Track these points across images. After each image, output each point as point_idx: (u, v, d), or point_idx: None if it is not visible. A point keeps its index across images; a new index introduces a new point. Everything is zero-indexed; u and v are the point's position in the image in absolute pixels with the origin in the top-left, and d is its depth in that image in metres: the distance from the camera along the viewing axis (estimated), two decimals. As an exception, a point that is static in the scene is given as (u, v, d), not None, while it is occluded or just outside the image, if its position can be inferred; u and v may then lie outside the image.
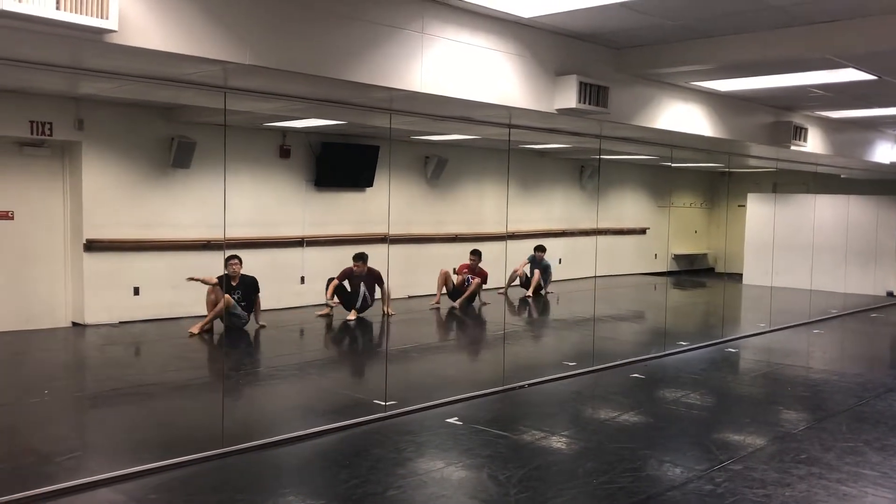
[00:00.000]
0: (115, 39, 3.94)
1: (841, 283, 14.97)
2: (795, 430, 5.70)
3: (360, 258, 9.95)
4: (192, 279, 8.74)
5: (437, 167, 12.48)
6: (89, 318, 9.02)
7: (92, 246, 8.96)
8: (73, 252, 9.03)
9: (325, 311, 10.04)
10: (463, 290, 11.34)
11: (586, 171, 15.42)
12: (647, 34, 6.45)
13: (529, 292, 12.70)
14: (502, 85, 6.19)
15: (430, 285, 11.47)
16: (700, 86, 8.11)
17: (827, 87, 7.94)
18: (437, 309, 11.17)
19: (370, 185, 11.48)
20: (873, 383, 7.34)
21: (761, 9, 5.52)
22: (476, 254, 11.57)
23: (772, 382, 7.47)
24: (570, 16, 5.85)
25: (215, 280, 8.70)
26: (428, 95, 5.69)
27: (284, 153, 10.68)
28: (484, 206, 13.09)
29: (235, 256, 8.88)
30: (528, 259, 12.98)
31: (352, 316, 9.92)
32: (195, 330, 8.58)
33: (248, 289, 8.93)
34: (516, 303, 12.36)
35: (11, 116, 8.29)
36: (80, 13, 3.67)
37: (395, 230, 11.57)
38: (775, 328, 10.57)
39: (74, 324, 9.06)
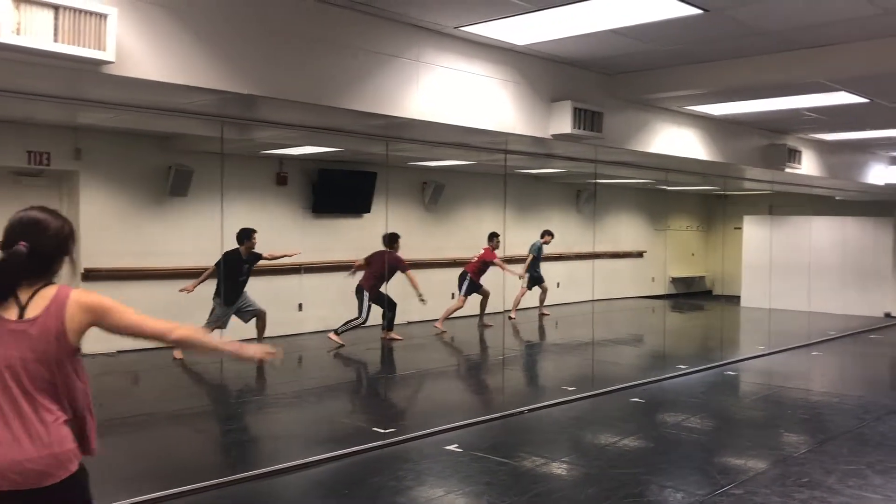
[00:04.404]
0: (113, 70, 3.97)
1: (839, 304, 14.97)
2: (797, 454, 5.67)
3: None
4: None
5: (434, 192, 12.51)
6: (86, 348, 8.87)
7: (89, 275, 8.95)
8: (71, 281, 8.98)
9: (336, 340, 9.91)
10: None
11: (583, 195, 15.47)
12: (639, 60, 6.51)
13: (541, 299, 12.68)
14: (498, 111, 6.23)
15: (430, 311, 11.44)
16: (694, 110, 8.17)
17: (820, 110, 8.01)
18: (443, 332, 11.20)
19: (368, 211, 11.50)
20: (874, 405, 7.31)
21: (753, 34, 5.58)
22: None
23: (772, 405, 7.44)
24: (563, 43, 5.91)
25: None
26: (424, 122, 5.73)
27: (281, 180, 10.71)
28: (482, 230, 13.07)
29: None
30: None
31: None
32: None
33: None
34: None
35: (9, 146, 8.31)
36: (78, 45, 3.70)
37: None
38: (774, 350, 10.55)
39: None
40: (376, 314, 10.01)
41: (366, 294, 9.78)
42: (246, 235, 8.72)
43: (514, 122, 6.38)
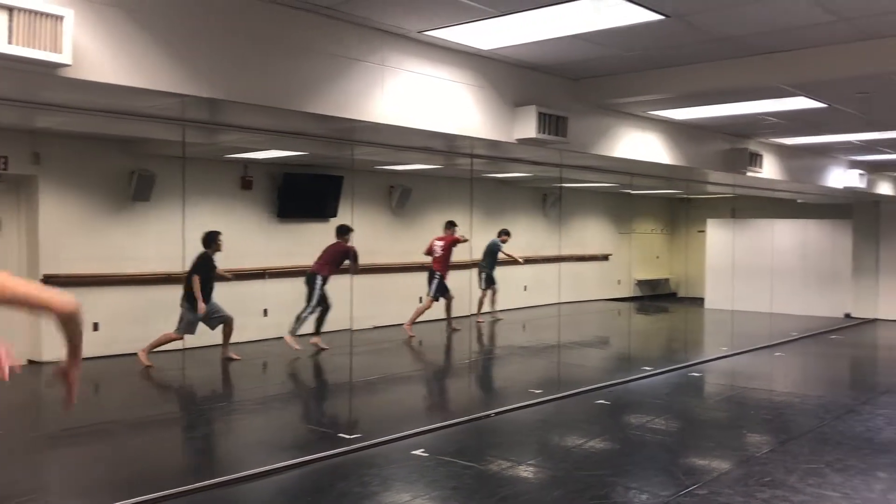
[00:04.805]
0: (70, 73, 3.90)
1: (800, 305, 15.23)
2: (759, 454, 5.74)
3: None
4: None
5: (401, 196, 12.49)
6: (47, 356, 8.80)
7: (49, 281, 8.77)
8: (29, 288, 8.83)
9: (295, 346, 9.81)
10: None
11: (549, 198, 15.56)
12: (603, 65, 6.56)
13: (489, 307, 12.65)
14: (463, 116, 6.24)
15: (397, 315, 11.42)
16: (657, 115, 8.26)
17: (780, 114, 8.14)
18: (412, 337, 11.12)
19: (334, 215, 11.44)
20: (834, 404, 7.44)
21: (715, 39, 5.66)
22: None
23: (735, 406, 7.53)
24: (528, 48, 5.94)
25: None
26: (389, 126, 5.71)
27: (246, 184, 10.62)
28: (448, 235, 13.11)
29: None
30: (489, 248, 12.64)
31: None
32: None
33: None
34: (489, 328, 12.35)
35: (-35, 151, 8.15)
36: (33, 47, 3.63)
37: (360, 260, 11.51)
38: (737, 352, 10.69)
39: (31, 361, 8.84)
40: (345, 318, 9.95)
41: (318, 280, 9.67)
42: (213, 238, 8.70)
43: (480, 127, 6.39)
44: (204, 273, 8.61)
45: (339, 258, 9.76)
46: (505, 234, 12.74)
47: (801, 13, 5.02)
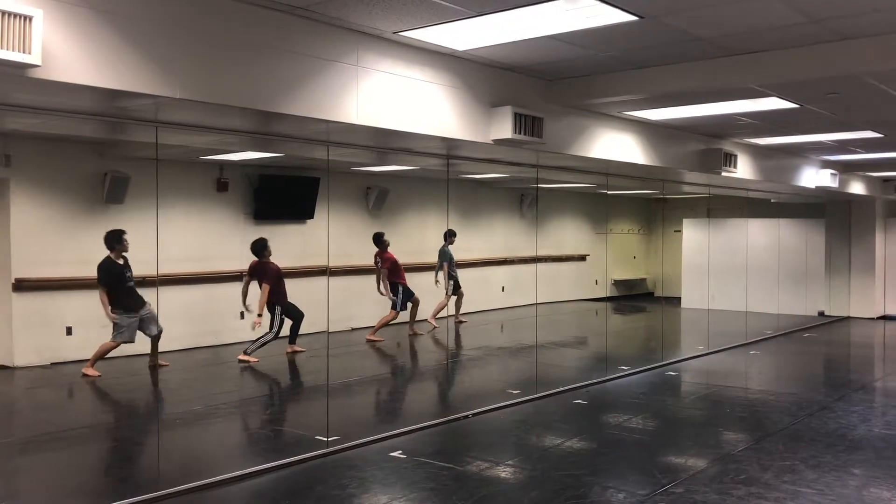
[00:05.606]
0: (39, 74, 3.85)
1: (774, 304, 15.38)
2: (735, 451, 5.79)
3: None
4: None
5: (378, 198, 12.46)
6: (19, 361, 8.68)
7: (21, 285, 8.66)
8: (1, 292, 8.71)
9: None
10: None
11: (526, 199, 15.59)
12: (578, 65, 6.59)
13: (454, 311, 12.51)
14: (439, 116, 6.23)
15: (374, 317, 11.38)
16: (632, 115, 8.30)
17: (753, 115, 8.21)
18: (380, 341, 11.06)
19: (311, 216, 11.39)
20: (807, 402, 7.53)
21: (688, 40, 5.70)
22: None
23: (712, 404, 7.59)
24: (503, 49, 5.95)
25: None
26: (364, 127, 5.69)
27: (222, 186, 10.53)
28: (426, 236, 13.10)
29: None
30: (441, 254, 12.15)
31: None
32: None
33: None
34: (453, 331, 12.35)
35: (-67, 153, 8.01)
36: (1, 48, 3.56)
37: (337, 262, 11.48)
38: (713, 350, 10.78)
39: (2, 367, 8.71)
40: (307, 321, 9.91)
41: (277, 308, 9.45)
42: (116, 239, 8.17)
43: (455, 128, 6.39)
44: (112, 278, 8.09)
45: (264, 277, 9.42)
46: (451, 235, 12.43)
47: (774, 14, 5.07)
